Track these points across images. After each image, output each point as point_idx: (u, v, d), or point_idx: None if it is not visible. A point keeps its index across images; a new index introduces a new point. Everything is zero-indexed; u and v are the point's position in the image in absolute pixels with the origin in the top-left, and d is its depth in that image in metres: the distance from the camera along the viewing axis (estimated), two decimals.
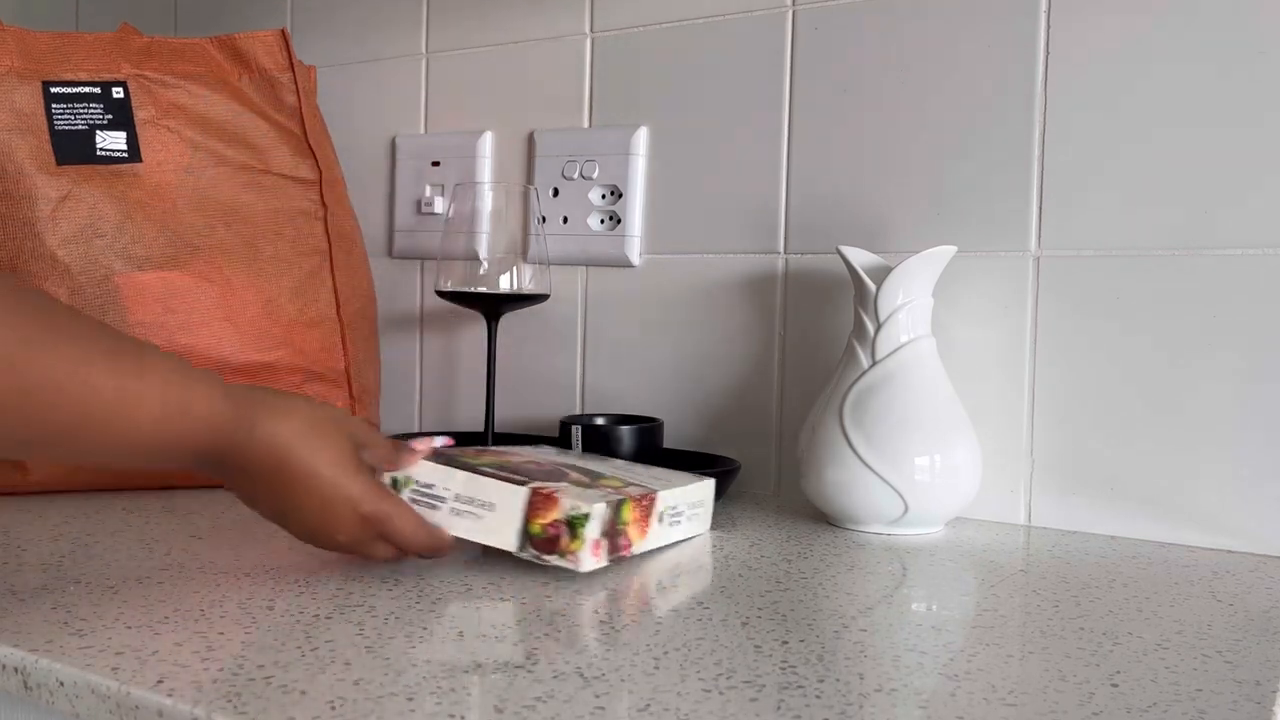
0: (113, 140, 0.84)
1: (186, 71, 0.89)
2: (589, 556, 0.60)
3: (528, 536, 0.60)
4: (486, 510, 0.60)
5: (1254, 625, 0.56)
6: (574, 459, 0.75)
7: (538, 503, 0.60)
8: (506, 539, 0.60)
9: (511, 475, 0.62)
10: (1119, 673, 0.48)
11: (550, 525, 0.59)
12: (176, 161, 0.86)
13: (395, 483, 0.61)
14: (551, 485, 0.61)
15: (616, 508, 0.62)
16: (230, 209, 0.87)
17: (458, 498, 0.61)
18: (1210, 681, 0.47)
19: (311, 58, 1.18)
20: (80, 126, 0.83)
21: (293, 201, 0.90)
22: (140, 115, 0.85)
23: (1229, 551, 0.74)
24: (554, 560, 0.60)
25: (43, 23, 1.42)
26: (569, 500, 0.59)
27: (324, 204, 0.91)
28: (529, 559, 0.60)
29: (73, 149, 0.82)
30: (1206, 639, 0.53)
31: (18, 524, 0.72)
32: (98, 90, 0.84)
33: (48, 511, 0.77)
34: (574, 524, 0.59)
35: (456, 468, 0.61)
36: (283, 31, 0.93)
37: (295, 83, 0.93)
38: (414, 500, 0.61)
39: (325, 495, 0.56)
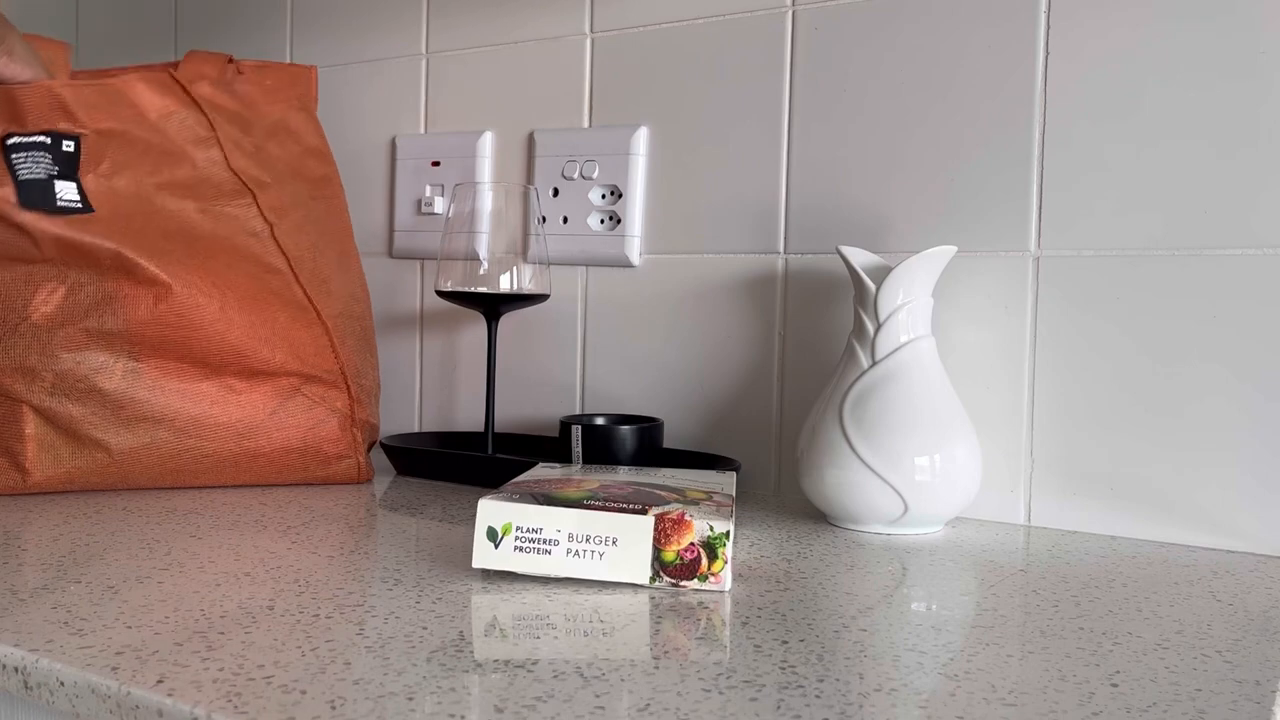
0: (68, 191, 0.83)
1: (124, 115, 0.87)
2: (731, 575, 0.59)
3: (660, 565, 0.58)
4: (608, 546, 0.58)
5: (1254, 625, 0.56)
6: (629, 474, 0.72)
7: (667, 528, 0.58)
8: (635, 572, 0.58)
9: (623, 504, 0.60)
10: (1119, 673, 0.48)
11: (685, 550, 0.58)
12: (129, 206, 0.84)
13: (494, 532, 0.59)
14: (675, 508, 0.59)
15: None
16: (193, 238, 0.86)
17: (573, 538, 0.59)
18: (1210, 681, 0.47)
19: (311, 58, 1.18)
20: (40, 176, 0.82)
21: (239, 224, 0.89)
22: (85, 169, 0.84)
23: (1229, 551, 0.74)
24: (693, 585, 0.58)
25: (44, 26, 1.42)
26: (703, 521, 0.58)
27: (267, 221, 0.90)
28: (662, 588, 0.59)
29: (36, 198, 0.81)
30: (1206, 639, 0.53)
31: (18, 524, 0.72)
32: (48, 140, 0.83)
33: (48, 511, 0.77)
34: (712, 545, 0.58)
35: (556, 506, 0.59)
36: (167, 67, 0.91)
37: (202, 113, 0.91)
38: (521, 548, 0.59)
39: None
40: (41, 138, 0.83)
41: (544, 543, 0.59)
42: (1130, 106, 0.77)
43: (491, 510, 0.59)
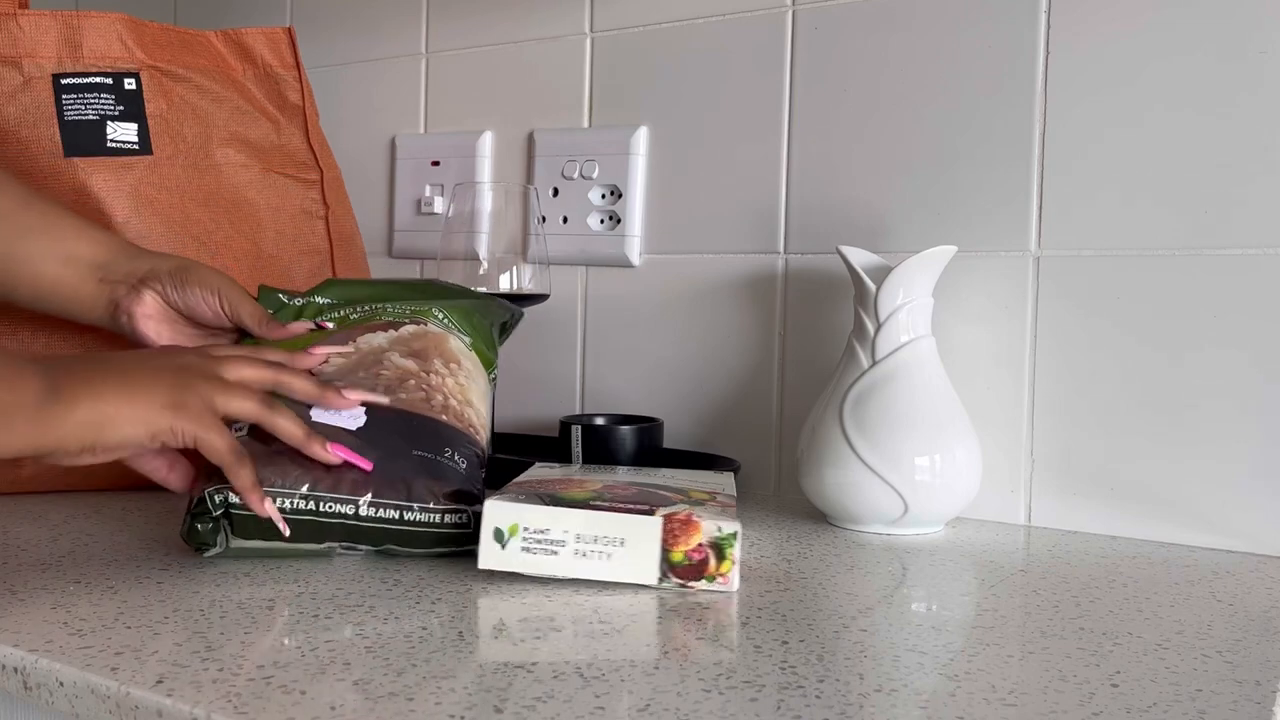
0: (124, 132, 0.83)
1: (194, 64, 0.89)
2: (739, 576, 0.59)
3: (669, 566, 0.58)
4: (616, 547, 0.58)
5: (1254, 625, 0.56)
6: (629, 474, 0.72)
7: (675, 529, 0.58)
8: (644, 573, 0.58)
9: (630, 505, 0.59)
10: (1119, 673, 0.48)
11: (694, 551, 0.58)
12: (185, 156, 0.85)
13: (501, 533, 0.58)
14: (683, 509, 0.59)
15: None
16: (235, 206, 0.87)
17: (580, 539, 0.58)
18: (1210, 681, 0.47)
19: (311, 57, 1.18)
20: (91, 117, 0.83)
21: (295, 201, 0.90)
22: (151, 108, 0.85)
23: (1229, 551, 0.74)
24: (701, 586, 0.58)
25: None
26: (711, 522, 0.58)
27: (325, 204, 0.91)
28: (671, 589, 0.59)
29: (82, 140, 0.82)
30: (1206, 639, 0.53)
31: (17, 523, 0.72)
32: (109, 81, 0.84)
33: (48, 511, 0.77)
34: (720, 545, 0.58)
35: (563, 507, 0.59)
36: (289, 29, 0.93)
37: (300, 81, 0.93)
38: (528, 549, 0.58)
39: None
40: (99, 78, 0.83)
41: (551, 544, 0.58)
42: (1131, 106, 0.77)
43: (498, 511, 0.59)
